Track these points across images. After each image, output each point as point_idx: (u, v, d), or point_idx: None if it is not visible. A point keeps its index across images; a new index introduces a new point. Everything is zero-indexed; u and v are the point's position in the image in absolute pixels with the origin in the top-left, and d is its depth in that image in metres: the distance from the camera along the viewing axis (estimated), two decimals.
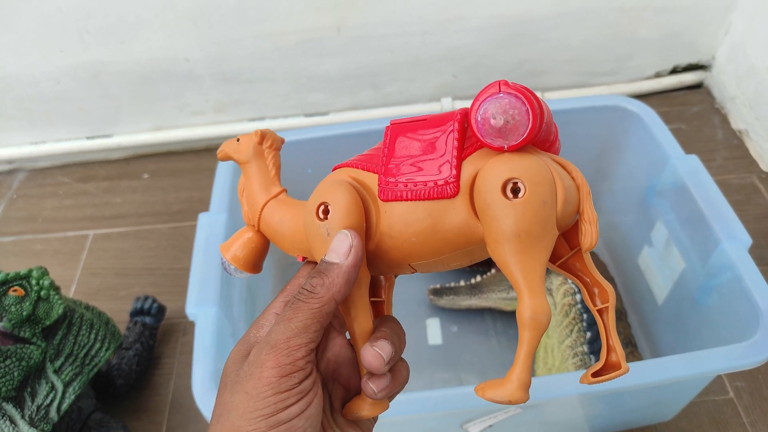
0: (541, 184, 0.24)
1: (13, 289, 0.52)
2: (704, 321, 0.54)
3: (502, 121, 0.24)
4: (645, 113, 0.61)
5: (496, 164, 0.24)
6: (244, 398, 0.22)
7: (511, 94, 0.24)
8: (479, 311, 0.68)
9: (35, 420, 0.51)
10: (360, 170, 0.28)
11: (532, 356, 0.24)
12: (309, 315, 0.24)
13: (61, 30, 0.78)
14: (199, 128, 0.91)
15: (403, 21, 0.81)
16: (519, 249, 0.24)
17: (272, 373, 0.22)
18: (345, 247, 0.25)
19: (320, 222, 0.27)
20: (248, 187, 0.32)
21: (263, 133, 0.32)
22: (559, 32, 0.85)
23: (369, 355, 0.25)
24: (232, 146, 0.33)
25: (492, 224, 0.24)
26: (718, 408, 0.60)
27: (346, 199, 0.26)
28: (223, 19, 0.79)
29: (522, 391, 0.24)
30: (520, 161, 0.24)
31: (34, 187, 0.91)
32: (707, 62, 0.92)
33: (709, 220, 0.51)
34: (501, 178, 0.24)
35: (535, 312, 0.23)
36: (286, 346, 0.23)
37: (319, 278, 0.24)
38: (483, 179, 0.24)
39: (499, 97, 0.24)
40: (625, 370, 0.25)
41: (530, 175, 0.24)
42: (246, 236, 0.32)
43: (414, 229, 0.26)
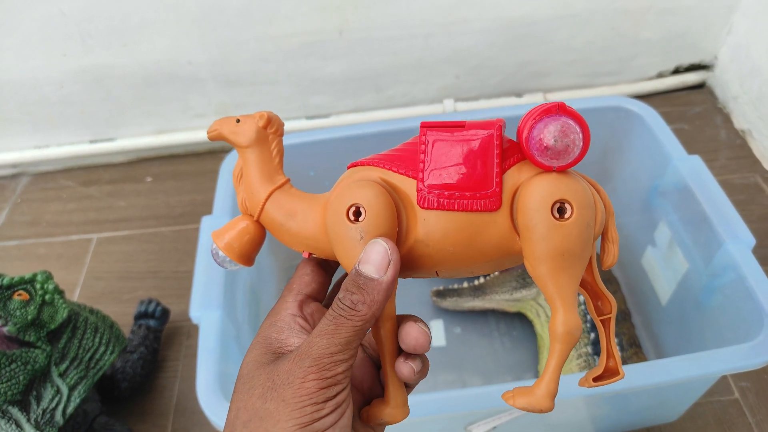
0: (587, 207, 0.25)
1: (17, 293, 0.52)
2: (708, 321, 0.54)
3: (560, 143, 0.24)
4: (647, 114, 0.61)
5: (545, 184, 0.25)
6: (281, 406, 0.23)
7: (570, 117, 0.25)
8: (482, 313, 0.68)
9: (41, 423, 0.51)
10: (391, 172, 0.27)
11: (562, 367, 0.26)
12: (352, 333, 0.24)
13: (63, 33, 0.79)
14: (202, 131, 0.91)
15: (406, 23, 0.81)
16: (560, 267, 0.25)
17: (314, 385, 0.23)
18: (384, 260, 0.25)
19: (351, 224, 0.26)
20: (248, 175, 0.29)
21: (270, 117, 0.29)
22: (562, 34, 0.85)
23: (416, 331, 0.26)
24: (230, 127, 0.30)
25: (537, 242, 0.25)
26: (724, 408, 0.59)
27: (381, 203, 0.26)
28: (226, 21, 0.79)
29: (550, 400, 0.25)
30: (568, 183, 0.25)
31: (37, 191, 0.92)
32: (710, 62, 0.92)
33: (713, 221, 0.51)
34: (551, 199, 0.25)
35: (570, 327, 0.25)
36: (330, 361, 0.23)
37: (360, 295, 0.24)
38: (532, 198, 0.25)
39: (559, 120, 0.25)
40: (622, 376, 0.26)
41: (578, 198, 0.25)
42: (242, 225, 0.30)
43: (452, 239, 0.26)
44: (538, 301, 0.62)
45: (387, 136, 0.62)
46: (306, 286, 0.29)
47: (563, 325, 0.25)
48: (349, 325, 0.24)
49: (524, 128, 0.25)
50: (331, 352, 0.23)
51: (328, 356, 0.23)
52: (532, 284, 0.62)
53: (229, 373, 0.48)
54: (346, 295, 0.25)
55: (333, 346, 0.24)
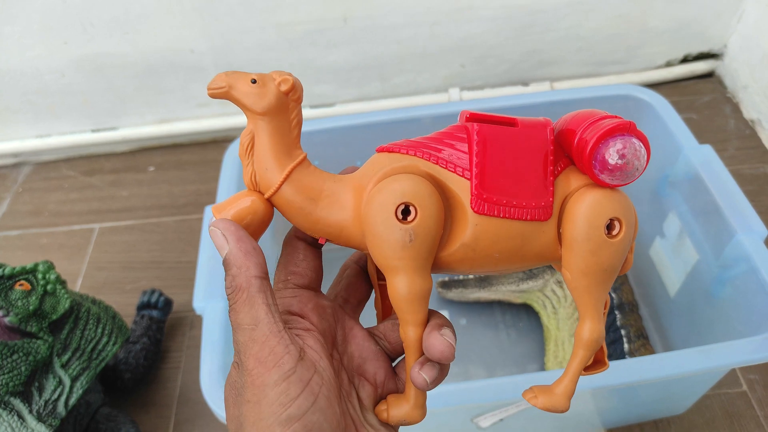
0: (632, 225, 0.25)
1: (19, 283, 0.52)
2: (718, 314, 0.53)
3: (629, 165, 0.24)
4: (657, 102, 0.60)
5: (602, 201, 0.25)
6: (249, 407, 0.22)
7: (641, 138, 0.24)
8: (488, 304, 0.68)
9: (43, 415, 0.51)
10: (439, 167, 0.25)
11: (581, 370, 0.26)
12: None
13: (65, 22, 0.78)
14: (205, 120, 0.91)
15: (411, 11, 0.80)
16: (600, 281, 0.25)
17: (260, 371, 0.22)
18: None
19: (401, 224, 0.24)
20: (262, 147, 0.25)
21: (294, 82, 0.25)
22: (569, 22, 0.84)
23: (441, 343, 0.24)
24: (245, 88, 0.25)
25: (585, 257, 0.25)
26: (732, 401, 0.59)
27: (434, 204, 0.24)
28: (229, 9, 0.78)
29: (567, 400, 0.26)
30: (621, 200, 0.25)
31: (39, 180, 0.91)
32: (719, 51, 0.91)
33: (724, 211, 0.50)
34: (607, 217, 0.25)
35: (597, 336, 0.26)
36: (262, 338, 0.22)
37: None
38: (588, 214, 0.25)
39: (629, 140, 0.24)
40: (607, 367, 0.28)
41: (627, 216, 0.25)
42: (247, 202, 0.26)
43: (501, 246, 0.25)
44: (545, 293, 0.62)
45: (392, 125, 0.61)
46: (301, 277, 0.27)
47: (592, 333, 0.26)
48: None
49: (587, 140, 0.24)
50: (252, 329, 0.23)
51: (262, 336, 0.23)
52: (538, 275, 0.62)
53: None
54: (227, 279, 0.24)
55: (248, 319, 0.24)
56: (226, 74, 0.25)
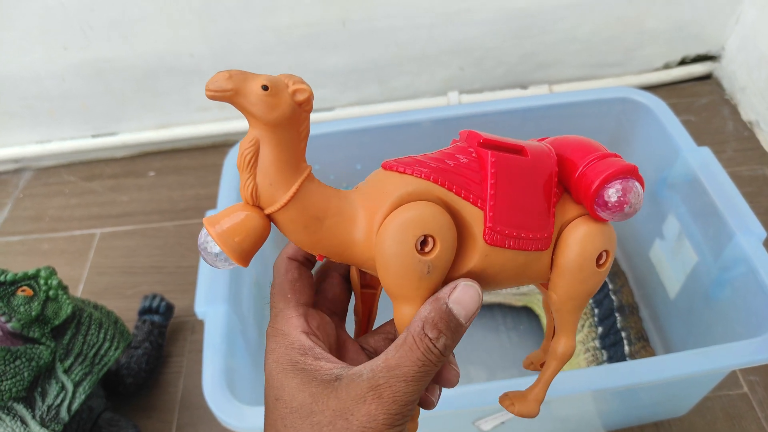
0: (614, 253, 0.27)
1: (21, 289, 0.52)
2: (717, 315, 0.53)
3: (631, 208, 0.26)
4: (655, 105, 0.60)
5: (596, 235, 0.26)
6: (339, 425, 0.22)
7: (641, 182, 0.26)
8: (489, 307, 0.68)
9: (46, 420, 0.51)
10: (454, 195, 0.25)
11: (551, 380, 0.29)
12: (432, 375, 0.23)
13: (64, 26, 0.78)
14: (205, 125, 0.91)
15: (409, 14, 0.80)
16: (582, 304, 0.27)
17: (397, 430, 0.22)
18: (474, 308, 0.24)
19: (420, 256, 0.23)
20: (267, 159, 0.23)
21: (310, 93, 0.23)
22: (566, 24, 0.84)
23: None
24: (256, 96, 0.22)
25: (575, 285, 0.27)
26: (732, 402, 0.59)
27: (453, 237, 0.24)
28: (228, 13, 0.78)
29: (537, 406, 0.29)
30: (610, 234, 0.27)
31: (40, 186, 0.91)
32: (716, 53, 0.91)
33: (723, 213, 0.50)
34: (599, 251, 0.26)
35: (570, 350, 0.28)
36: (411, 408, 0.23)
37: (451, 340, 0.23)
38: (583, 248, 0.26)
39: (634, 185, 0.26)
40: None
41: (613, 247, 0.27)
42: (242, 216, 0.23)
43: (507, 274, 0.26)
44: None
45: (391, 129, 0.61)
46: (302, 295, 0.27)
47: (566, 348, 0.28)
48: (433, 370, 0.23)
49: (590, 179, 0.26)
50: (414, 400, 0.22)
51: (411, 403, 0.22)
52: None
53: (235, 368, 0.48)
54: (439, 336, 0.22)
55: (418, 392, 0.22)
56: (230, 74, 0.22)
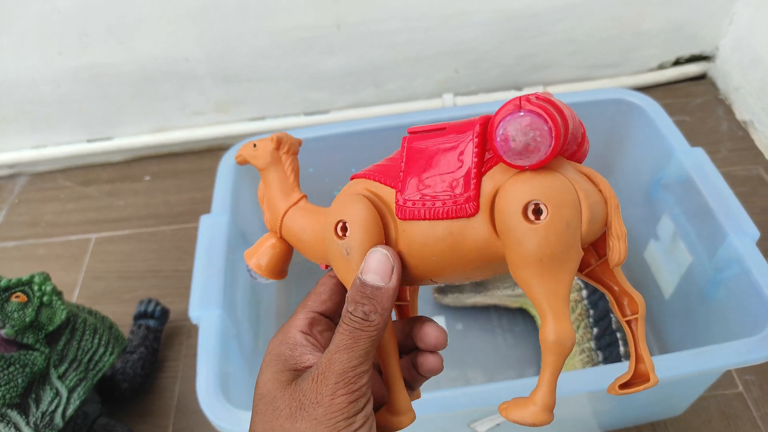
0: (564, 206, 0.23)
1: (15, 295, 0.52)
2: (712, 315, 0.53)
3: (523, 142, 0.23)
4: (649, 106, 0.61)
5: (516, 185, 0.23)
6: (313, 424, 0.23)
7: (532, 113, 0.22)
8: (484, 309, 0.68)
9: (40, 426, 0.51)
10: (377, 183, 0.27)
11: (557, 379, 0.24)
12: (369, 343, 0.24)
13: (59, 31, 0.78)
14: (200, 129, 0.91)
15: (404, 17, 0.80)
16: (542, 272, 0.23)
17: (343, 400, 0.23)
18: (386, 267, 0.25)
19: (339, 240, 0.26)
20: (268, 194, 0.32)
21: (279, 138, 0.31)
22: (562, 26, 0.84)
23: (435, 330, 0.27)
24: (249, 151, 0.32)
25: (514, 248, 0.23)
26: (728, 402, 0.59)
27: (363, 217, 0.26)
28: (223, 17, 0.78)
29: (546, 413, 0.23)
30: (542, 181, 0.23)
31: (35, 191, 0.91)
32: (711, 53, 0.91)
33: (716, 214, 0.51)
34: (522, 201, 0.23)
35: (560, 336, 0.23)
36: (354, 374, 0.24)
37: (370, 305, 0.24)
38: (503, 202, 0.23)
39: (520, 117, 0.22)
40: (655, 382, 0.24)
41: (552, 197, 0.23)
42: (269, 243, 0.32)
43: (432, 249, 0.25)
44: None
45: (387, 131, 0.62)
46: (321, 304, 0.29)
47: (553, 333, 0.23)
48: (365, 337, 0.24)
49: (491, 130, 0.23)
50: (353, 366, 0.24)
51: (351, 369, 0.24)
52: None
53: (229, 373, 0.48)
54: (357, 307, 0.25)
55: (354, 359, 0.24)
56: (240, 146, 0.33)
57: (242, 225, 0.59)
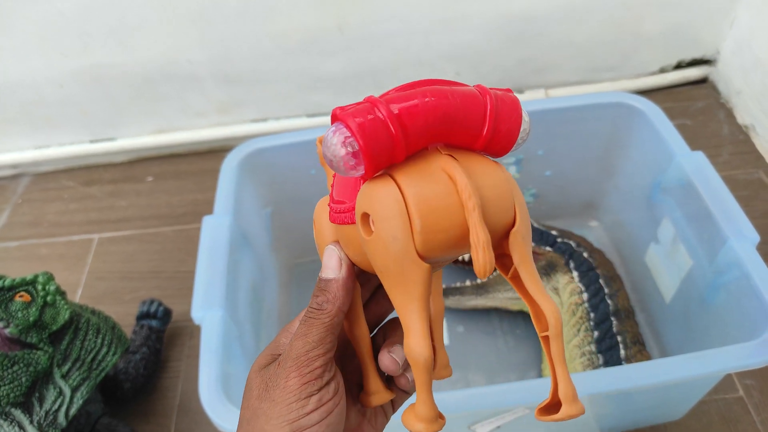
0: (387, 219, 0.21)
1: (19, 294, 0.52)
2: (712, 319, 0.53)
3: (325, 156, 0.22)
4: (650, 110, 0.61)
5: (358, 197, 0.23)
6: (271, 405, 0.25)
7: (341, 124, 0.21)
8: (485, 311, 0.68)
9: (44, 425, 0.51)
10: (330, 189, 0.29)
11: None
12: (323, 329, 0.26)
13: (62, 33, 0.78)
14: (202, 130, 0.91)
15: (405, 19, 0.81)
16: (387, 285, 0.22)
17: (295, 383, 0.25)
18: (334, 261, 0.27)
19: None
20: None
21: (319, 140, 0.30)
22: (562, 29, 0.84)
23: (386, 360, 0.27)
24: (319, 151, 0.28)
25: (372, 260, 0.23)
26: (728, 406, 0.59)
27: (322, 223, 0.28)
28: (225, 19, 0.78)
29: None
30: (367, 192, 0.22)
31: (38, 191, 0.91)
32: (712, 57, 0.92)
33: (716, 218, 0.51)
34: (359, 213, 0.23)
35: (411, 352, 0.21)
36: (306, 358, 0.25)
37: (322, 296, 0.27)
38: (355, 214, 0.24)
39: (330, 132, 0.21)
40: (568, 414, 0.21)
41: (376, 209, 0.22)
42: None
43: (352, 250, 0.26)
44: None
45: None
46: None
47: (406, 348, 0.22)
48: (318, 324, 0.26)
49: None
50: (306, 350, 0.25)
51: (304, 354, 0.25)
52: None
53: (231, 373, 0.48)
54: (312, 299, 0.27)
55: (308, 344, 0.25)
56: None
57: (244, 226, 0.59)
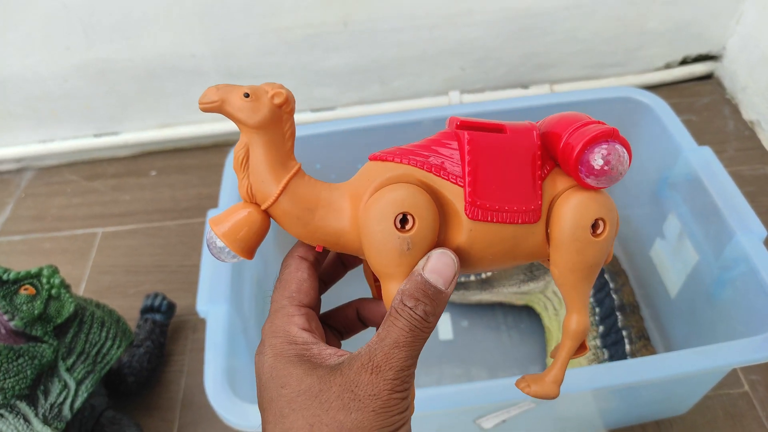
0: (615, 224, 0.27)
1: (24, 287, 0.52)
2: (718, 314, 0.53)
3: (614, 170, 0.26)
4: (657, 105, 0.61)
5: (587, 203, 0.26)
6: (371, 416, 0.23)
7: (623, 145, 0.26)
8: (490, 306, 0.68)
9: (49, 418, 0.51)
10: (433, 176, 0.26)
11: (569, 360, 0.28)
12: (423, 343, 0.24)
13: (66, 27, 0.78)
14: (206, 125, 0.91)
15: (410, 15, 0.80)
16: (586, 276, 0.27)
17: (399, 397, 0.23)
18: (451, 274, 0.25)
19: (399, 233, 0.24)
20: (256, 159, 0.26)
21: (288, 95, 0.26)
22: (567, 25, 0.84)
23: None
24: (238, 102, 0.25)
25: (572, 256, 0.26)
26: (733, 401, 0.59)
27: (432, 213, 0.25)
28: (230, 14, 0.78)
29: (557, 387, 0.28)
30: (605, 202, 0.27)
31: (42, 185, 0.91)
32: (717, 52, 0.91)
33: (723, 213, 0.51)
34: (592, 218, 0.26)
35: (583, 327, 0.28)
36: (408, 374, 0.24)
37: (431, 307, 0.24)
38: (575, 216, 0.26)
39: (613, 146, 0.25)
40: (587, 350, 0.29)
41: (611, 216, 0.27)
42: (244, 214, 0.26)
43: (495, 249, 0.26)
44: (546, 294, 0.62)
45: (393, 128, 0.62)
46: (306, 296, 0.27)
47: (578, 324, 0.27)
48: (422, 337, 0.24)
49: (573, 146, 0.26)
50: (409, 365, 0.24)
51: (406, 369, 0.24)
52: (539, 277, 0.62)
53: (236, 367, 0.48)
54: (417, 304, 0.24)
55: (410, 358, 0.24)
56: (217, 88, 0.25)
57: None
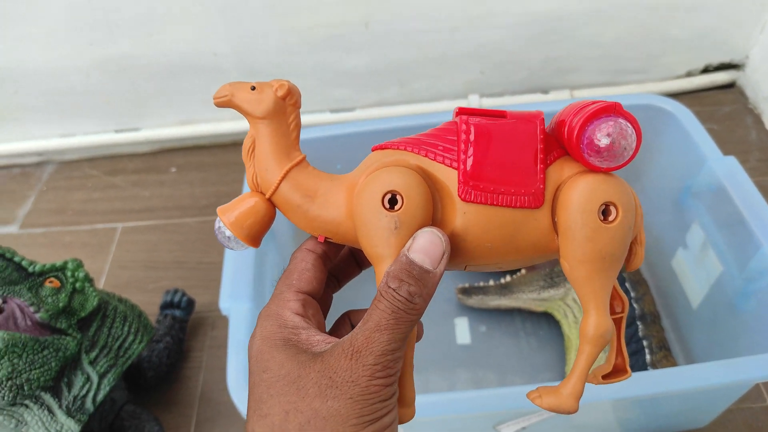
0: (630, 210, 0.25)
1: (49, 280, 0.53)
2: (742, 327, 0.53)
3: (616, 144, 0.24)
4: (681, 113, 0.60)
5: (594, 185, 0.24)
6: (348, 404, 0.22)
7: (627, 119, 0.24)
8: (508, 311, 0.68)
9: (72, 410, 0.52)
10: (428, 159, 0.26)
11: (589, 369, 0.25)
12: (409, 327, 0.23)
13: (90, 23, 0.79)
14: (226, 123, 0.91)
15: (431, 17, 0.80)
16: (599, 270, 0.24)
17: (381, 383, 0.22)
18: (438, 252, 0.24)
19: (387, 212, 0.24)
20: (261, 149, 0.27)
21: (290, 87, 0.27)
22: (589, 30, 0.84)
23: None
24: (245, 95, 0.27)
25: (581, 244, 0.24)
26: (755, 416, 0.59)
27: (420, 192, 0.25)
28: (251, 13, 0.79)
29: (575, 401, 0.25)
30: (615, 185, 0.25)
31: (63, 179, 0.92)
32: (740, 61, 0.91)
33: (749, 223, 0.50)
34: (599, 201, 0.24)
35: (602, 330, 0.25)
36: (392, 358, 0.23)
37: (417, 287, 0.23)
38: (579, 198, 0.24)
39: (615, 120, 0.24)
40: (629, 375, 0.27)
41: (624, 201, 0.25)
42: (251, 203, 0.27)
43: (492, 235, 0.25)
44: (566, 302, 0.62)
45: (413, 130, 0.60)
46: (307, 284, 0.27)
47: (596, 328, 0.25)
48: (407, 320, 0.23)
49: (574, 125, 0.24)
50: (392, 349, 0.23)
51: (390, 353, 0.22)
52: (559, 284, 0.62)
53: None
54: (401, 285, 0.23)
55: (394, 342, 0.23)
56: (229, 84, 0.27)
57: None
